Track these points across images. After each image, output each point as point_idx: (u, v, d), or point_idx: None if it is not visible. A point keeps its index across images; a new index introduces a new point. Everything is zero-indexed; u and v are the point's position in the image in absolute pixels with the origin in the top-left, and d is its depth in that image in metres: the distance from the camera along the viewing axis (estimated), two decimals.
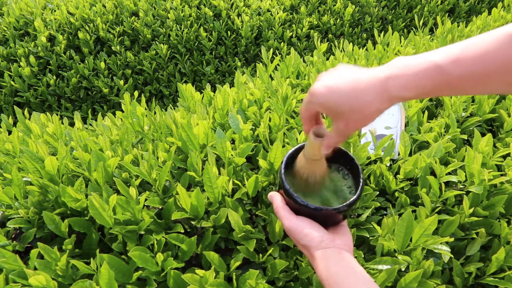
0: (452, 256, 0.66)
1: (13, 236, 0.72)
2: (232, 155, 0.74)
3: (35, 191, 0.69)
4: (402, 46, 1.38)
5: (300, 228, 0.49)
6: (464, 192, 0.72)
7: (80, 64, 1.93)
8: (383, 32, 1.49)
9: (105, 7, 2.13)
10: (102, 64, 1.94)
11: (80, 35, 1.95)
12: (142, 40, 2.05)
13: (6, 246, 0.64)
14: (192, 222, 0.67)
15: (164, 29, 2.06)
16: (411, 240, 0.60)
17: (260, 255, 0.65)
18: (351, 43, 1.34)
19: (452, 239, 0.61)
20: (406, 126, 0.92)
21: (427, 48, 1.31)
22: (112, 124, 0.96)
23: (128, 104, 0.90)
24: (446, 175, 0.76)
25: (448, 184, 0.80)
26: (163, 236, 0.63)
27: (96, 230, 0.65)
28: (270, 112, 0.90)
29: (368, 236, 0.69)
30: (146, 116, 0.87)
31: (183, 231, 0.65)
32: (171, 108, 1.04)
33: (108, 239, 0.67)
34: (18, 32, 2.01)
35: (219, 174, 0.72)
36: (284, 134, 0.83)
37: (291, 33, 2.18)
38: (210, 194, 0.66)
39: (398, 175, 0.78)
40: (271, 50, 1.21)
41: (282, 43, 2.13)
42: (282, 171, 0.51)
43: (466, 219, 0.69)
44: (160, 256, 0.58)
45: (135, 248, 0.58)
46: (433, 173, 0.78)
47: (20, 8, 2.07)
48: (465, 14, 2.62)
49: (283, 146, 0.74)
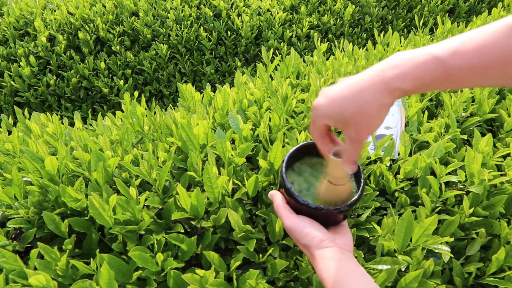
0: (452, 256, 0.66)
1: (13, 236, 0.72)
2: (232, 155, 0.74)
3: (35, 191, 0.69)
4: (402, 46, 1.37)
5: (301, 227, 0.49)
6: (464, 192, 0.72)
7: (80, 64, 1.93)
8: (383, 32, 1.50)
9: (105, 7, 2.13)
10: (102, 64, 1.94)
11: (80, 35, 1.95)
12: (142, 40, 2.05)
13: (6, 246, 0.64)
14: (192, 222, 0.67)
15: (164, 29, 2.06)
16: (411, 240, 0.60)
17: (260, 255, 0.65)
18: (351, 43, 1.34)
19: (452, 239, 0.61)
20: (406, 126, 0.92)
21: None
22: (112, 124, 0.96)
23: (128, 104, 0.90)
24: (446, 175, 0.76)
25: (448, 184, 0.80)
26: (163, 236, 0.63)
27: (96, 230, 0.65)
28: (270, 112, 0.90)
29: (368, 236, 0.69)
30: (146, 116, 0.87)
31: (183, 231, 0.65)
32: (171, 108, 1.04)
33: (108, 239, 0.67)
34: (18, 32, 2.00)
35: (219, 174, 0.72)
36: (284, 134, 0.83)
37: (291, 33, 2.18)
38: (210, 194, 0.66)
39: (398, 175, 0.78)
40: (271, 50, 1.21)
41: (282, 43, 2.13)
42: (283, 170, 0.51)
43: (466, 219, 0.69)
44: (160, 256, 0.58)
45: (135, 248, 0.58)
46: (433, 173, 0.78)
47: (20, 8, 2.07)
48: (465, 14, 2.62)
49: (283, 146, 0.73)
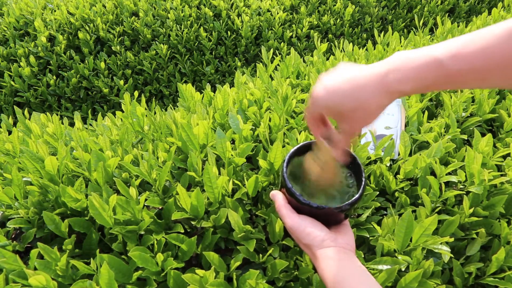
0: (452, 256, 0.66)
1: (13, 236, 0.72)
2: (232, 155, 0.74)
3: (35, 191, 0.69)
4: (402, 46, 1.37)
5: (302, 227, 0.48)
6: (464, 192, 0.72)
7: (80, 64, 1.93)
8: (383, 32, 1.49)
9: (105, 7, 2.13)
10: (102, 64, 1.94)
11: (80, 35, 1.95)
12: (142, 40, 2.05)
13: (6, 246, 0.63)
14: (192, 222, 0.67)
15: (164, 29, 2.06)
16: (411, 240, 0.60)
17: (260, 255, 0.65)
18: (351, 43, 1.34)
19: (452, 239, 0.61)
20: (406, 126, 0.92)
21: None
22: (112, 124, 0.96)
23: (128, 104, 0.90)
24: (446, 175, 0.76)
25: (448, 184, 0.80)
26: (163, 236, 0.63)
27: (96, 230, 0.65)
28: (270, 112, 0.90)
29: (368, 236, 0.69)
30: (146, 116, 0.87)
31: (183, 231, 0.65)
32: (171, 108, 1.04)
33: (108, 239, 0.67)
34: (18, 32, 2.00)
35: (219, 174, 0.72)
36: (284, 134, 0.83)
37: (291, 33, 2.18)
38: (210, 194, 0.66)
39: (398, 175, 0.78)
40: (271, 50, 1.21)
41: (282, 43, 2.13)
42: (285, 169, 0.51)
43: (466, 219, 0.69)
44: (160, 256, 0.58)
45: (135, 248, 0.58)
46: (433, 173, 0.78)
47: (20, 8, 2.07)
48: (465, 14, 2.62)
49: (283, 146, 0.73)
